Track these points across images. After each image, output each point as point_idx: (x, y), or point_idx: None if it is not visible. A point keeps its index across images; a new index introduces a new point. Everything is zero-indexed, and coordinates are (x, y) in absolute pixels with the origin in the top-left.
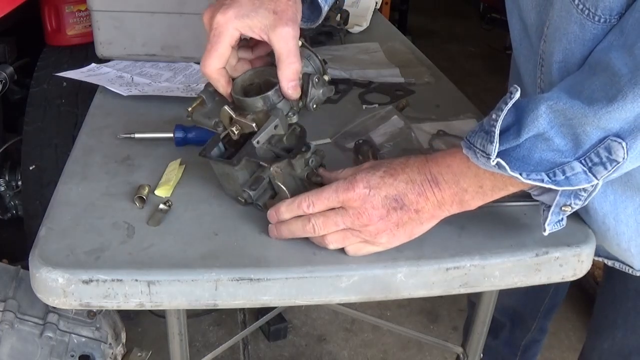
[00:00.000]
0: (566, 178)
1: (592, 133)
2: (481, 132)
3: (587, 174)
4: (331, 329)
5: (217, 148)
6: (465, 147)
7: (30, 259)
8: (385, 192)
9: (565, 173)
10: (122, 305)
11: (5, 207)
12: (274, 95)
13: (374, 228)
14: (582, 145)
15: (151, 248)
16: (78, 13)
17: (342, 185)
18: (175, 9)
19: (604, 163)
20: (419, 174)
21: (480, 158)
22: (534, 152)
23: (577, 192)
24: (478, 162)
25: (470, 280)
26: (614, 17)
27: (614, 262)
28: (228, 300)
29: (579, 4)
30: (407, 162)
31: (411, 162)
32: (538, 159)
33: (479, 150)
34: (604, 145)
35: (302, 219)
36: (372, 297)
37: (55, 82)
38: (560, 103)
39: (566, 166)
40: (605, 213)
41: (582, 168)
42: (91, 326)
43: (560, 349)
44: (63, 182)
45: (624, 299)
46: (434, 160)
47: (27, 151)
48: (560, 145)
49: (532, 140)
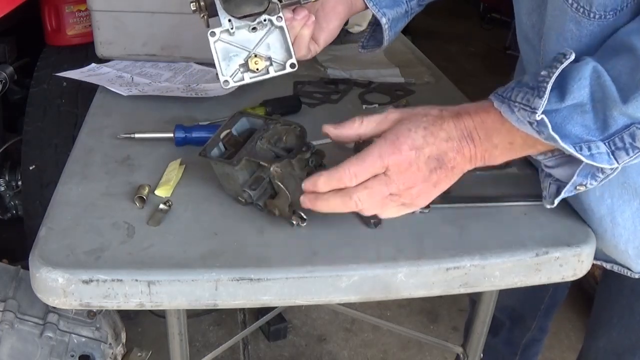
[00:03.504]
0: (591, 155)
1: (619, 118)
2: (523, 87)
3: (610, 156)
4: (331, 329)
5: (217, 148)
6: (497, 101)
7: (30, 259)
8: (429, 152)
9: (591, 150)
10: (122, 305)
11: (5, 207)
12: None
13: (416, 190)
14: (609, 127)
15: (151, 248)
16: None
17: (386, 149)
18: (175, 9)
19: (626, 149)
20: (455, 129)
21: (519, 112)
22: (568, 121)
23: (595, 173)
24: (512, 117)
25: (470, 280)
26: (608, 14)
27: (612, 265)
28: (228, 300)
29: (572, 3)
30: (442, 116)
31: (446, 117)
32: (569, 130)
33: (520, 105)
34: (629, 132)
35: (342, 195)
36: (372, 297)
37: (55, 82)
38: (602, 77)
39: (592, 144)
40: (602, 215)
41: (606, 149)
42: (91, 326)
43: (560, 349)
44: (63, 182)
45: (619, 297)
46: (467, 114)
47: (27, 151)
48: (591, 123)
49: (570, 109)
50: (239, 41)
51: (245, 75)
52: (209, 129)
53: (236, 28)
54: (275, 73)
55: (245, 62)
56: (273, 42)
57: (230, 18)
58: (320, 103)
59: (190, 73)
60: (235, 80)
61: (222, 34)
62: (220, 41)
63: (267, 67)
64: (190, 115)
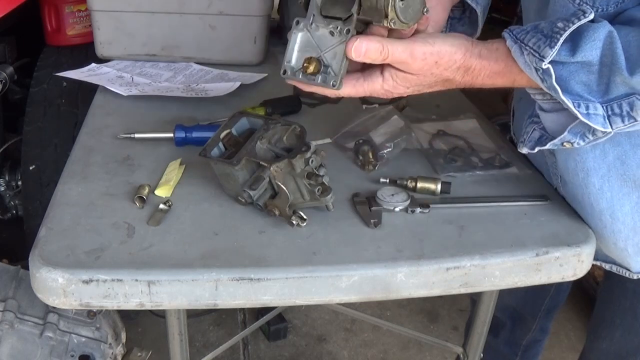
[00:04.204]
0: (588, 114)
1: (622, 86)
2: (537, 33)
3: (605, 119)
4: (331, 329)
5: (217, 148)
6: (510, 40)
7: (30, 259)
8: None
9: (589, 109)
10: (122, 305)
11: (5, 207)
12: None
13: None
14: (610, 92)
15: (151, 248)
16: (78, 13)
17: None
18: (175, 9)
19: (623, 116)
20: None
21: (528, 56)
22: (573, 77)
23: (585, 133)
24: (520, 59)
25: (471, 280)
26: (610, 7)
27: (612, 265)
28: (228, 300)
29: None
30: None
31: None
32: (572, 86)
33: (530, 49)
34: (628, 100)
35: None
36: (372, 297)
37: (55, 82)
38: (615, 44)
39: (590, 104)
40: (601, 210)
41: (603, 112)
42: (91, 326)
43: (560, 349)
44: (63, 182)
45: (622, 299)
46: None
47: (27, 151)
48: (594, 84)
49: (577, 66)
50: (317, 38)
51: (298, 73)
52: (209, 129)
53: (318, 25)
54: (319, 85)
55: (307, 61)
56: (339, 53)
57: (316, 14)
58: (320, 103)
59: (190, 73)
60: (290, 73)
61: (305, 26)
62: (301, 32)
63: (318, 74)
64: (190, 115)
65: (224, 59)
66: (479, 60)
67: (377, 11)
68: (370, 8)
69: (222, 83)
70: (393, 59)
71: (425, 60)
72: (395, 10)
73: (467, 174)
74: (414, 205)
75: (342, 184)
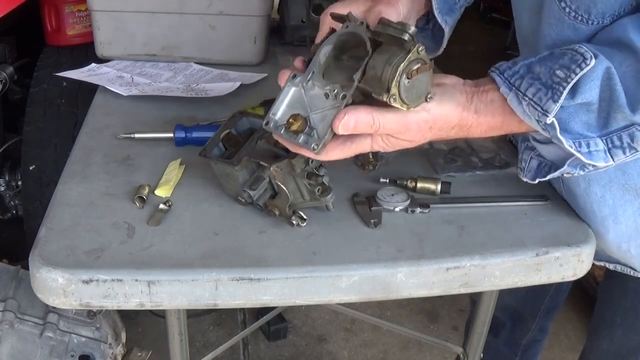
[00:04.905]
0: (589, 152)
1: (621, 120)
2: (535, 81)
3: (606, 153)
4: (331, 329)
5: (217, 148)
6: (504, 86)
7: (30, 259)
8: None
9: (590, 147)
10: (122, 305)
11: (5, 207)
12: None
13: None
14: (609, 125)
15: (151, 248)
16: (78, 13)
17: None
18: (175, 9)
19: (624, 148)
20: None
21: (528, 107)
22: (573, 118)
23: (585, 165)
24: (519, 108)
25: (471, 280)
26: (606, 19)
27: (616, 265)
28: (228, 300)
29: (570, 12)
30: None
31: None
32: (571, 127)
33: (529, 100)
34: (628, 132)
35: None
36: (372, 297)
37: (55, 82)
38: (613, 80)
39: (591, 140)
40: (604, 216)
41: (604, 146)
42: (91, 326)
43: (560, 349)
44: (63, 182)
45: (622, 298)
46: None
47: (27, 151)
48: (593, 121)
49: (577, 107)
50: (309, 97)
51: (281, 128)
52: (209, 129)
53: (314, 84)
54: (299, 145)
55: (292, 118)
56: (328, 118)
57: (316, 72)
58: None
59: (190, 73)
60: (273, 126)
61: (301, 82)
62: (296, 87)
63: (301, 134)
64: (190, 115)
65: (224, 59)
66: (476, 117)
67: (379, 83)
68: (373, 78)
69: (222, 83)
70: (385, 131)
71: (419, 129)
72: (399, 87)
73: (467, 174)
74: (414, 205)
75: (342, 184)
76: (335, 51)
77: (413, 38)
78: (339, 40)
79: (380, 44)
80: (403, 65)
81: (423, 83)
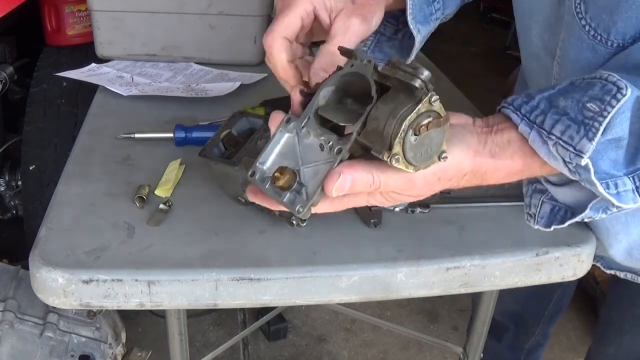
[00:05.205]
0: (618, 193)
1: None
2: (562, 116)
3: (635, 192)
4: (331, 329)
5: (217, 148)
6: (523, 124)
7: (30, 259)
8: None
9: (618, 187)
10: (122, 305)
11: (5, 207)
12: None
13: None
14: (636, 161)
15: (151, 248)
16: (78, 13)
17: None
18: (175, 9)
19: None
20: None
21: (556, 147)
22: (601, 156)
23: (608, 207)
24: (543, 149)
25: (471, 280)
26: (627, 41)
27: (626, 274)
28: (228, 300)
29: (590, 30)
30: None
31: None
32: (600, 165)
33: (557, 139)
34: None
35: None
36: (372, 297)
37: (55, 82)
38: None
39: (618, 180)
40: (617, 231)
41: (632, 185)
42: (91, 326)
43: (560, 349)
44: (63, 182)
45: (631, 305)
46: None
47: (27, 151)
48: (621, 157)
49: (606, 144)
50: (303, 147)
51: (267, 181)
52: (209, 129)
53: (309, 132)
54: (284, 204)
55: (279, 171)
56: (320, 174)
57: (312, 117)
58: None
59: (190, 73)
60: (259, 179)
61: (296, 128)
62: (289, 133)
63: (288, 191)
64: (190, 115)
65: (224, 59)
66: (493, 162)
67: (380, 138)
68: (374, 132)
69: (222, 83)
70: (387, 189)
71: (426, 182)
72: (403, 145)
73: None
74: (414, 205)
75: None
76: (338, 93)
77: (426, 85)
78: (342, 81)
79: (388, 89)
80: (410, 118)
81: (435, 140)
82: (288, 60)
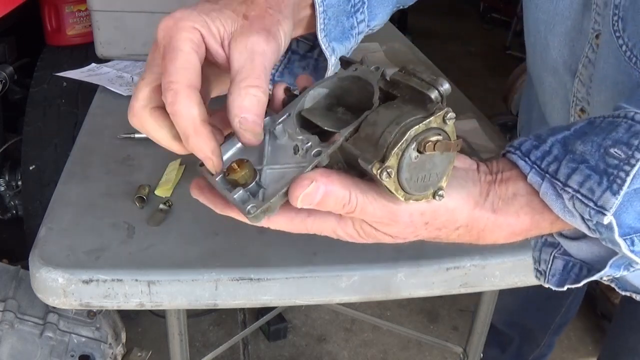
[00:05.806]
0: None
1: None
2: (582, 166)
3: None
4: (331, 329)
5: None
6: (533, 173)
7: (30, 259)
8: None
9: None
10: (122, 305)
11: (5, 207)
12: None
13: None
14: None
15: (151, 248)
16: (78, 13)
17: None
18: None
19: None
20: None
21: (572, 201)
22: (626, 209)
23: (630, 264)
24: (557, 204)
25: (471, 280)
26: None
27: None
28: (228, 300)
29: (626, 51)
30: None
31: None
32: (623, 219)
33: (574, 192)
34: None
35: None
36: (372, 297)
37: (55, 82)
38: None
39: None
40: None
41: None
42: (91, 326)
43: (560, 349)
44: (63, 182)
45: None
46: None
47: (27, 151)
48: None
49: (632, 195)
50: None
51: (220, 173)
52: None
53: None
54: (232, 202)
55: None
56: (286, 179)
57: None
58: None
59: None
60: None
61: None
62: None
63: (240, 188)
64: None
65: None
66: (493, 218)
67: (374, 146)
68: (367, 139)
69: None
70: (362, 216)
71: (411, 222)
72: (401, 159)
73: None
74: None
75: None
76: (330, 99)
77: (443, 99)
78: (338, 86)
79: (394, 98)
80: (417, 129)
81: (437, 169)
82: (202, 120)
